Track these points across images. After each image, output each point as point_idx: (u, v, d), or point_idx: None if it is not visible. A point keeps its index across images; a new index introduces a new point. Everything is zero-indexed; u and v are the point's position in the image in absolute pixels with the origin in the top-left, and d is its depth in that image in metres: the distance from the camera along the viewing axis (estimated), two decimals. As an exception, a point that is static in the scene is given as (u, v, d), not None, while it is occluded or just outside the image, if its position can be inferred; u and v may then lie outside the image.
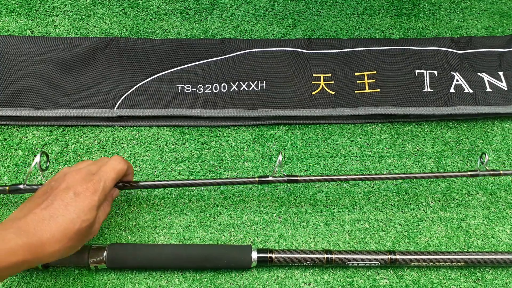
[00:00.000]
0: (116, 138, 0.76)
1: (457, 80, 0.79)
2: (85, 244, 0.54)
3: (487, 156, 0.65)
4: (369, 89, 0.78)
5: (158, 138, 0.76)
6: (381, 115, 0.77)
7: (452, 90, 0.78)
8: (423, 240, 0.68)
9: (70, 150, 0.74)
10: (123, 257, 0.62)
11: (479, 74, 0.80)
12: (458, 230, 0.69)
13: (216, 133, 0.77)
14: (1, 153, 0.73)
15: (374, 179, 0.66)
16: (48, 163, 0.64)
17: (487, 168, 0.65)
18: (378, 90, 0.78)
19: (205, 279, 0.63)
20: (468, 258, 0.63)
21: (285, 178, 0.63)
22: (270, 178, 0.62)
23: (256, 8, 0.89)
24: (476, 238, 0.68)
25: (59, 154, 0.74)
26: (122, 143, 0.75)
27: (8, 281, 0.62)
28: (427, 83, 0.79)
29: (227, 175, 0.73)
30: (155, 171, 0.73)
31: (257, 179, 0.63)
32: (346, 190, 0.72)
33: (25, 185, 0.61)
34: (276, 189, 0.72)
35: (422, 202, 0.71)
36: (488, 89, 0.78)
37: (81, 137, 0.76)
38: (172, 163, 0.74)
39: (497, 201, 0.71)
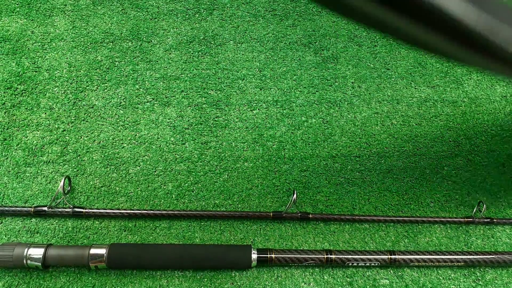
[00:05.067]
0: (116, 138, 0.76)
1: None
2: (85, 244, 0.54)
3: (485, 206, 0.68)
4: None
5: (158, 138, 0.76)
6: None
7: None
8: (423, 240, 0.68)
9: (70, 150, 0.74)
10: (123, 257, 0.62)
11: None
12: (458, 230, 0.69)
13: (216, 133, 0.77)
14: (1, 153, 0.73)
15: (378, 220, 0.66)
16: (69, 187, 0.69)
17: (483, 216, 0.68)
18: None
19: (205, 279, 0.63)
20: (468, 258, 0.63)
21: (298, 215, 0.67)
22: (283, 215, 0.67)
23: (256, 8, 0.89)
24: (476, 238, 0.68)
25: (59, 154, 0.74)
26: (122, 143, 0.75)
27: (8, 281, 0.62)
28: None
29: (227, 175, 0.73)
30: (155, 171, 0.73)
31: (271, 214, 0.68)
32: (346, 190, 0.72)
33: (49, 208, 0.66)
34: (276, 190, 0.72)
35: (422, 202, 0.71)
36: None
37: (81, 137, 0.75)
38: (172, 163, 0.74)
39: (497, 201, 0.71)
